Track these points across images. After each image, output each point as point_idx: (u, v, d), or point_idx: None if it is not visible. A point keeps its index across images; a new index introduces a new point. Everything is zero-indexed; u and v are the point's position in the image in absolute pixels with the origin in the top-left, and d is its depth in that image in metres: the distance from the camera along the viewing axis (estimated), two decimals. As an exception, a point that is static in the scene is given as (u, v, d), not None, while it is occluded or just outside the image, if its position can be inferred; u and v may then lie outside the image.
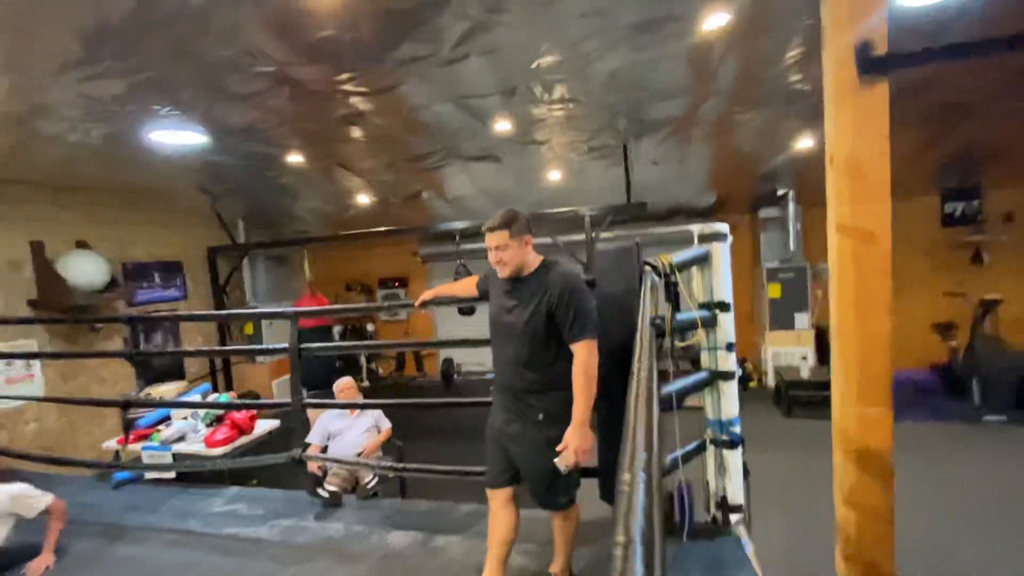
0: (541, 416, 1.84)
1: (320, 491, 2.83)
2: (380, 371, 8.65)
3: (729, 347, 2.21)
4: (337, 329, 8.28)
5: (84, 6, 2.06)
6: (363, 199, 6.27)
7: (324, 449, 3.34)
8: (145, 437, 3.51)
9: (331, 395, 3.48)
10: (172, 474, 3.29)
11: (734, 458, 2.19)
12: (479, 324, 2.81)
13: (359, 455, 3.26)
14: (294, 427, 3.03)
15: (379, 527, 2.60)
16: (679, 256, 2.04)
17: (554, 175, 5.62)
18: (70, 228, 4.94)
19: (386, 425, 3.56)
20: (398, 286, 8.75)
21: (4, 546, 2.45)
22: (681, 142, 4.62)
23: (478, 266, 2.78)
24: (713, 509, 2.27)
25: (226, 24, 2.27)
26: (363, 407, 3.42)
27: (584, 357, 1.76)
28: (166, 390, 4.26)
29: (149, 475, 3.35)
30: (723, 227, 2.21)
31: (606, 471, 2.10)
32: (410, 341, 9.10)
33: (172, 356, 5.66)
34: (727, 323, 2.21)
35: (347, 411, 3.51)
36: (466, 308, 4.38)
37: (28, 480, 2.65)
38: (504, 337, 1.93)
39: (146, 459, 3.35)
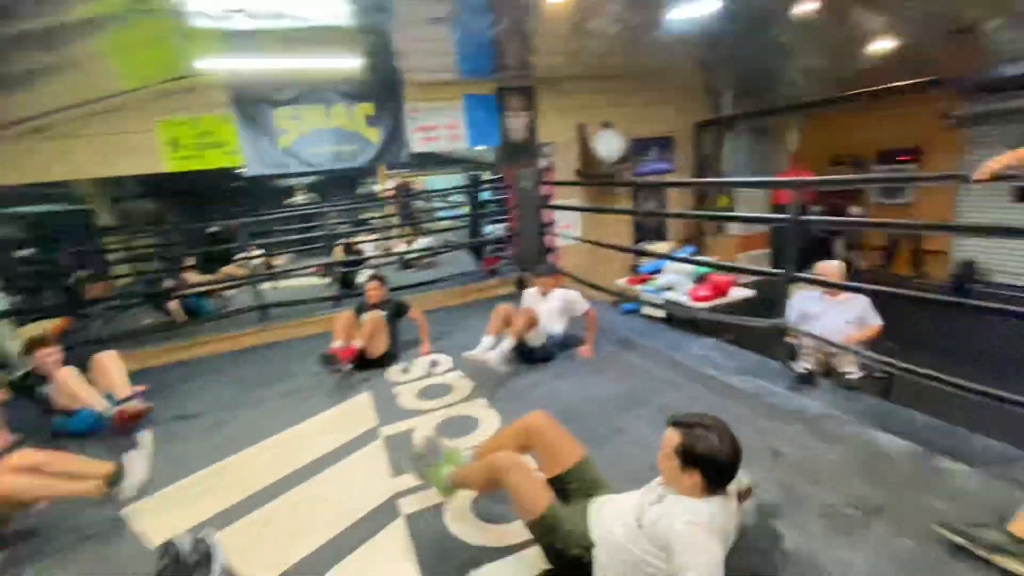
0: None
1: (794, 364, 2.84)
2: (862, 263, 7.40)
3: None
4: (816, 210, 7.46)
5: None
6: (879, 46, 4.97)
7: (797, 328, 3.27)
8: (643, 281, 4.41)
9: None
10: (662, 313, 4.05)
11: None
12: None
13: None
14: (771, 298, 3.07)
15: (861, 420, 2.42)
16: None
17: None
18: (601, 111, 6.25)
19: (876, 321, 3.10)
20: (906, 160, 6.85)
21: (563, 333, 3.71)
22: None
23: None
24: None
25: None
26: (856, 291, 3.05)
27: None
28: (659, 247, 5.10)
29: (645, 311, 4.25)
30: None
31: None
32: (932, 223, 6.31)
33: (660, 218, 6.65)
34: None
35: (826, 295, 3.24)
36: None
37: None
38: None
39: (643, 298, 4.24)
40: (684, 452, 1.44)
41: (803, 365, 2.82)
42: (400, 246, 8.35)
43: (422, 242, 8.22)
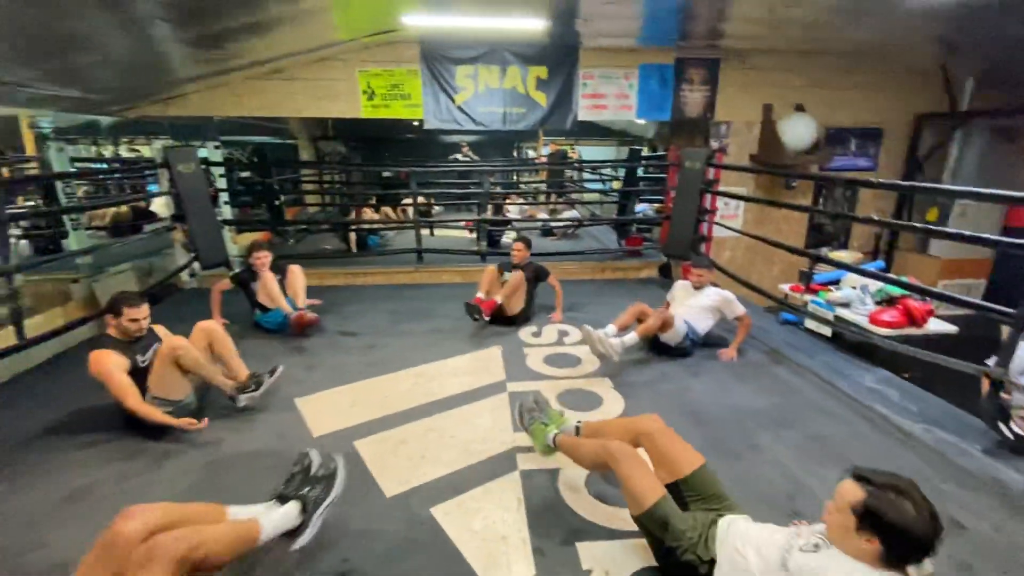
0: None
1: (1003, 426, 2.31)
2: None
3: None
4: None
5: None
6: None
7: None
8: (813, 292, 3.90)
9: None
10: (828, 332, 3.55)
11: None
12: None
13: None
14: (980, 339, 2.50)
15: (1093, 517, 1.89)
16: None
17: None
18: (793, 92, 5.50)
19: None
20: None
21: (710, 332, 3.45)
22: None
23: None
24: None
25: None
26: None
27: None
28: (840, 256, 4.44)
29: (808, 324, 3.77)
30: None
31: None
32: None
33: (844, 223, 5.77)
34: None
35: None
36: None
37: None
38: None
39: (809, 309, 3.75)
40: (867, 514, 1.22)
41: (1018, 429, 2.27)
42: (541, 213, 8.46)
43: (567, 213, 8.22)
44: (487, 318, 3.71)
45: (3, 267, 3.01)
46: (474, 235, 7.49)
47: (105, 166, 7.75)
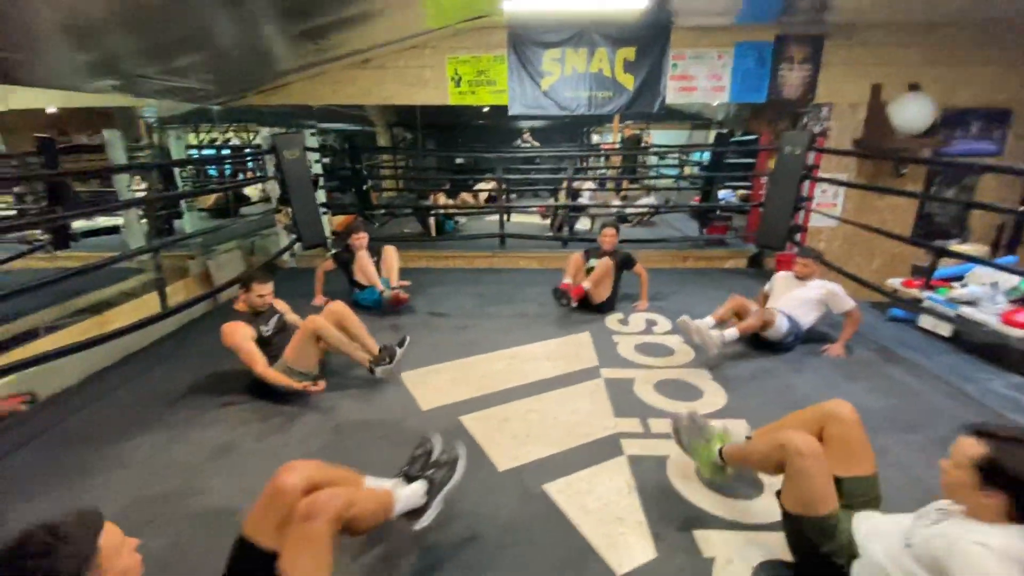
0: None
1: None
2: None
3: None
4: None
5: None
6: None
7: None
8: (932, 288, 3.60)
9: None
10: (947, 330, 3.28)
11: None
12: None
13: None
14: None
15: None
16: None
17: None
18: (907, 70, 5.03)
19: None
20: None
21: (813, 327, 3.28)
22: None
23: None
24: None
25: None
26: None
27: None
28: (965, 250, 4.06)
29: (923, 322, 3.49)
30: None
31: None
32: None
33: (962, 213, 5.27)
34: None
35: None
36: None
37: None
38: None
39: (926, 306, 3.46)
40: (989, 468, 1.16)
41: None
42: (614, 200, 8.30)
43: (644, 199, 8.03)
44: (574, 304, 3.72)
45: (150, 245, 3.36)
46: (547, 221, 7.52)
47: (213, 152, 8.40)
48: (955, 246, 4.29)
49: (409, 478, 1.72)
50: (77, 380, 2.97)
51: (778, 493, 1.62)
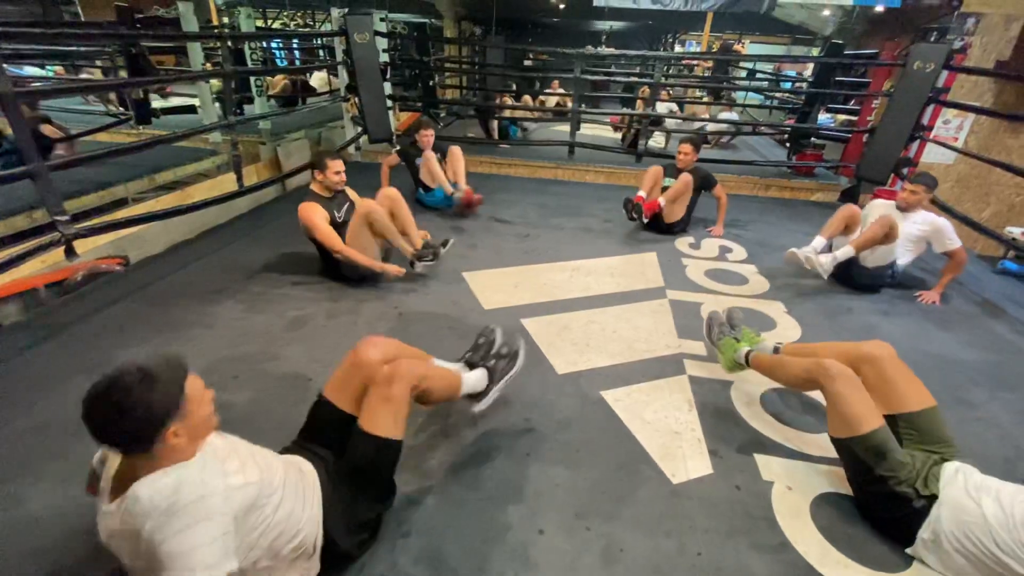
0: None
1: None
2: None
3: None
4: None
5: None
6: None
7: None
8: (1062, 239, 3.15)
9: None
10: (1070, 290, 2.90)
11: None
12: None
13: None
14: None
15: None
16: None
17: None
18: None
19: None
20: None
21: (907, 269, 2.98)
22: None
23: None
24: None
25: None
26: None
27: None
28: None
29: (1041, 278, 3.10)
30: None
31: None
32: None
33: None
34: None
35: None
36: None
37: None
38: None
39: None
40: None
41: None
42: (698, 115, 7.61)
43: (724, 114, 7.32)
44: (646, 219, 3.53)
45: (224, 122, 3.39)
46: (618, 135, 7.04)
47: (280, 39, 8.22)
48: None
49: (471, 365, 1.78)
50: (163, 249, 3.16)
51: None
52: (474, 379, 1.69)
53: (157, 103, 6.43)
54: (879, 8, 4.63)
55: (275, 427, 1.73)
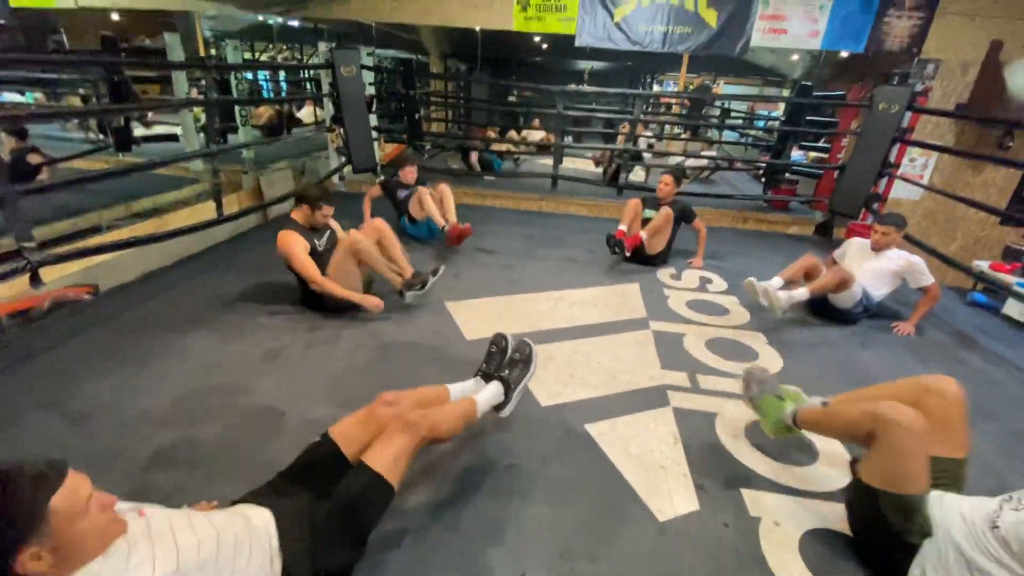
0: None
1: None
2: None
3: None
4: None
5: None
6: None
7: None
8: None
9: None
10: (1037, 321, 2.99)
11: None
12: None
13: None
14: None
15: None
16: None
17: None
18: (1037, 26, 4.38)
19: None
20: None
21: (883, 302, 3.04)
22: None
23: None
24: None
25: None
26: None
27: None
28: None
29: (1009, 309, 3.19)
30: None
31: None
32: None
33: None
34: None
35: None
36: None
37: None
38: None
39: (1014, 291, 3.14)
40: None
41: None
42: (674, 150, 7.85)
43: (704, 153, 7.56)
44: (628, 254, 3.57)
45: (206, 150, 3.37)
46: (599, 169, 7.20)
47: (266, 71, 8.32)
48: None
49: (487, 376, 1.82)
50: (136, 276, 3.07)
51: (853, 462, 1.52)
52: (489, 395, 1.72)
53: (139, 131, 6.39)
54: (844, 54, 4.88)
55: (243, 464, 1.65)
